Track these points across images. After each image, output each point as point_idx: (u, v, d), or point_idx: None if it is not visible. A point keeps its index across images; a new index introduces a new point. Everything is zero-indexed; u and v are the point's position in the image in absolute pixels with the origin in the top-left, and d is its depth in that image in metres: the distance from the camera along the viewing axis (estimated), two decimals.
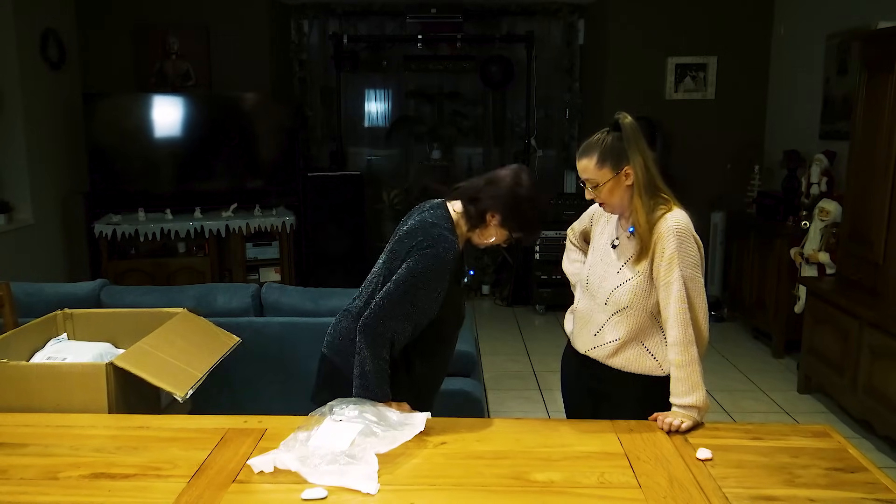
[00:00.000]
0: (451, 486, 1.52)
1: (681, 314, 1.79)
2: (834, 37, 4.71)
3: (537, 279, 5.64)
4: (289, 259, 5.55)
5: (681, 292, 1.78)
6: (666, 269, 1.79)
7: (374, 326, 1.85)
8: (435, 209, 1.99)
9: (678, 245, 1.79)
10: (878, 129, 3.47)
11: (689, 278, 1.80)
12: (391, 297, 1.85)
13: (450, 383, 3.02)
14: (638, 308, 1.84)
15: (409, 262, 1.85)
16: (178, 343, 2.16)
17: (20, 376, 1.96)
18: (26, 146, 4.82)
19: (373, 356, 1.85)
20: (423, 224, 1.94)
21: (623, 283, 1.85)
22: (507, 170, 1.93)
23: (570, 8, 6.20)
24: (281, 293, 3.06)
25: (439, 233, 1.88)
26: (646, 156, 1.83)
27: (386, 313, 1.85)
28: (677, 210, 1.84)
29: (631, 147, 1.81)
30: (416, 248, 1.87)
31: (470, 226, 1.93)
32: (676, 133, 5.73)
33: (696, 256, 1.81)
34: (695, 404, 1.78)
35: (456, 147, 6.45)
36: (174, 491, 1.49)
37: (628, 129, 1.82)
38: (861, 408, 3.46)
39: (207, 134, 5.46)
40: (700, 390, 1.79)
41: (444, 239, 1.87)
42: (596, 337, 1.92)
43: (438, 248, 1.85)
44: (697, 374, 1.80)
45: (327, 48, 6.18)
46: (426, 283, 1.85)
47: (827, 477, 1.57)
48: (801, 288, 4.29)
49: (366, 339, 1.85)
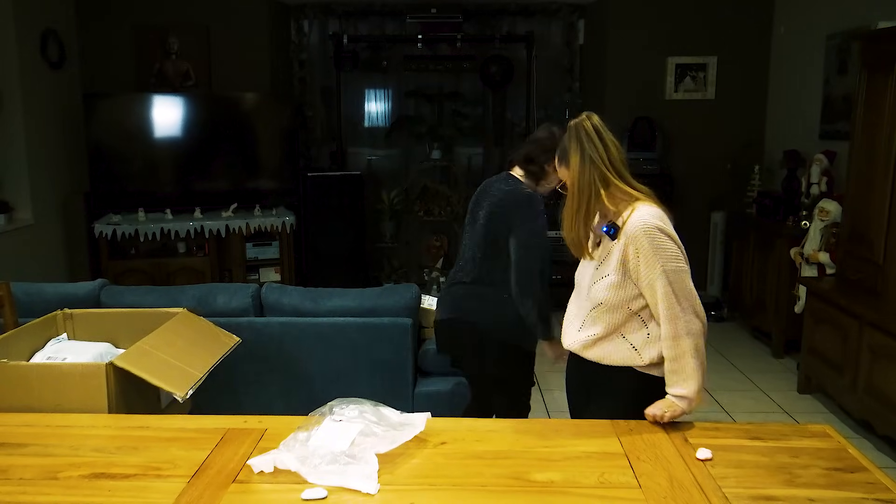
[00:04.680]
0: (451, 486, 1.52)
1: (668, 311, 1.78)
2: (834, 37, 4.71)
3: None
4: (289, 259, 5.55)
5: (666, 289, 1.77)
6: (646, 268, 1.78)
7: (527, 283, 2.41)
8: (506, 180, 2.52)
9: (650, 243, 1.77)
10: (878, 129, 3.47)
11: (672, 272, 1.77)
12: (529, 253, 2.40)
13: (450, 383, 3.03)
14: (614, 304, 1.85)
15: (523, 220, 2.41)
16: (178, 343, 2.16)
17: (20, 376, 1.96)
18: (26, 146, 4.82)
19: (537, 303, 2.41)
20: (509, 192, 2.47)
21: (600, 280, 1.87)
22: (541, 129, 2.51)
23: (570, 8, 6.20)
24: (281, 293, 3.06)
25: (525, 191, 2.45)
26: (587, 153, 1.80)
27: (530, 266, 2.40)
28: (641, 207, 1.81)
29: (569, 149, 1.83)
30: (520, 208, 2.42)
31: (535, 181, 2.47)
32: (676, 133, 5.73)
33: (672, 249, 1.78)
34: (684, 394, 1.79)
35: (456, 147, 6.44)
36: (174, 491, 1.49)
37: (569, 131, 1.85)
38: (861, 408, 3.46)
39: (207, 134, 5.46)
40: (692, 381, 1.79)
41: (532, 194, 2.44)
42: (579, 332, 1.94)
43: (534, 201, 2.43)
44: (691, 366, 1.78)
45: (327, 48, 6.18)
46: (542, 226, 2.40)
47: (827, 477, 1.57)
48: (801, 288, 4.29)
49: (524, 295, 2.42)
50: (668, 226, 1.80)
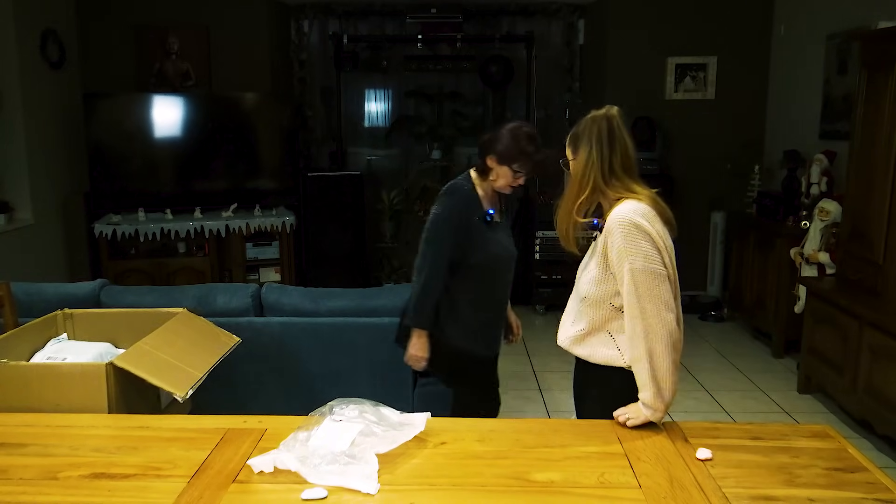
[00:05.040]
0: (451, 486, 1.52)
1: (630, 309, 1.75)
2: (834, 37, 4.71)
3: (537, 279, 5.64)
4: (289, 259, 5.55)
5: (630, 286, 1.74)
6: (616, 263, 1.77)
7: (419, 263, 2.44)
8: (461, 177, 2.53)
9: (623, 237, 1.74)
10: (877, 129, 3.47)
11: (639, 270, 1.72)
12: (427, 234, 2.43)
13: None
14: (598, 299, 1.84)
15: (435, 206, 2.44)
16: (178, 343, 2.16)
17: (20, 376, 1.96)
18: (26, 146, 4.82)
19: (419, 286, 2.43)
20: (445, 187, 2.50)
21: (584, 273, 1.88)
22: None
23: (570, 8, 6.20)
24: (281, 293, 3.06)
25: (452, 184, 2.48)
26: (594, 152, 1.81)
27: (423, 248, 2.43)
28: (627, 202, 1.79)
29: (581, 140, 1.84)
30: (439, 197, 2.45)
31: (482, 177, 2.45)
32: (676, 133, 5.73)
33: (645, 247, 1.73)
34: (646, 401, 1.75)
35: (456, 147, 6.44)
36: (174, 491, 1.49)
37: (584, 122, 1.85)
38: (861, 408, 3.46)
39: (207, 134, 5.46)
40: (648, 388, 1.73)
41: (455, 185, 2.46)
42: (570, 326, 1.94)
43: (452, 190, 2.44)
44: (647, 372, 1.73)
45: (327, 48, 6.18)
46: (449, 213, 2.40)
47: (827, 477, 1.56)
48: (801, 288, 4.29)
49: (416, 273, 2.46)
50: (651, 224, 1.75)
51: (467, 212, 2.43)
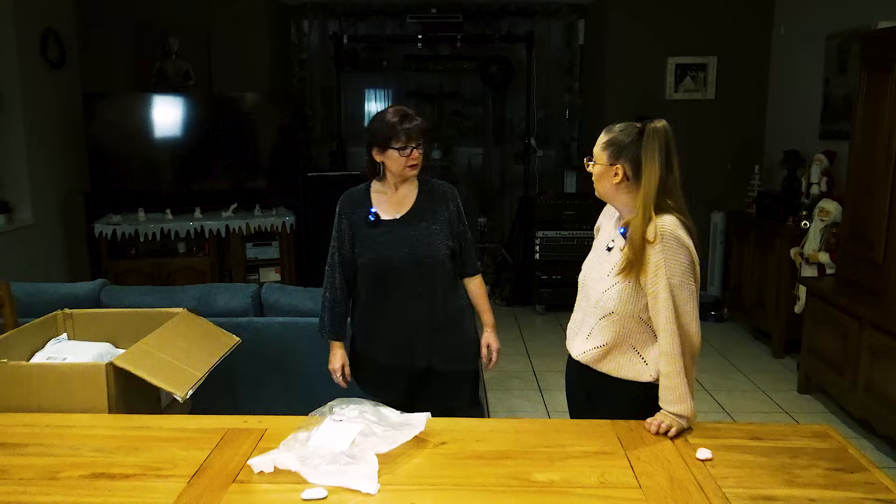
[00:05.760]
0: (451, 487, 1.52)
1: (669, 324, 1.75)
2: (834, 37, 4.71)
3: (537, 279, 5.64)
4: (289, 259, 5.55)
5: (668, 302, 1.74)
6: (653, 278, 1.75)
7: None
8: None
9: (662, 251, 1.73)
10: (878, 129, 3.47)
11: (677, 286, 1.74)
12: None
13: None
14: (624, 313, 1.81)
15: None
16: (178, 343, 2.16)
17: (20, 376, 1.96)
18: (26, 146, 4.82)
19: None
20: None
21: (610, 288, 1.83)
22: None
23: (570, 8, 6.20)
24: (281, 293, 3.06)
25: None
26: (655, 168, 1.79)
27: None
28: (665, 215, 1.76)
29: (645, 152, 1.80)
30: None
31: (376, 177, 2.48)
32: (676, 133, 5.70)
33: (684, 262, 1.74)
34: (682, 413, 1.76)
35: (456, 147, 6.45)
36: (174, 491, 1.49)
37: (648, 134, 1.81)
38: (861, 408, 3.46)
39: (207, 134, 5.46)
40: (687, 401, 1.76)
41: (350, 188, 2.50)
42: (587, 341, 1.90)
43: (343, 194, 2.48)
44: (684, 385, 1.75)
45: (327, 48, 6.18)
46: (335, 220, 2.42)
47: (827, 477, 1.57)
48: (801, 288, 4.29)
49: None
50: (689, 240, 1.77)
51: (350, 212, 2.39)
